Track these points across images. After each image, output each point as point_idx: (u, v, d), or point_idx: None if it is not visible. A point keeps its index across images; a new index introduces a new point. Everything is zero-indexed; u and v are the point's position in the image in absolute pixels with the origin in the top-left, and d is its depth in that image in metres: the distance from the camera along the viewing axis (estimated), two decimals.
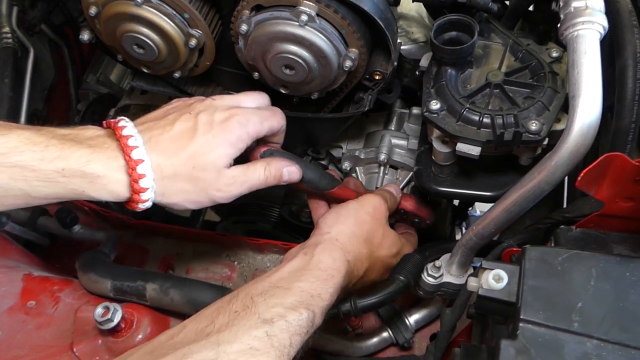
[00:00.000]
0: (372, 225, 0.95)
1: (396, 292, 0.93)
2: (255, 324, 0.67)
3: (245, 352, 0.64)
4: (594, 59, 0.72)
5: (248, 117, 0.85)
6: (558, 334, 0.61)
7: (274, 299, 0.72)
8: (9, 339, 0.91)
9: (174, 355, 0.62)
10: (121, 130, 0.77)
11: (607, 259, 0.66)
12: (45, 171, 0.71)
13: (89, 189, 0.75)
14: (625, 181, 0.70)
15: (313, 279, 0.78)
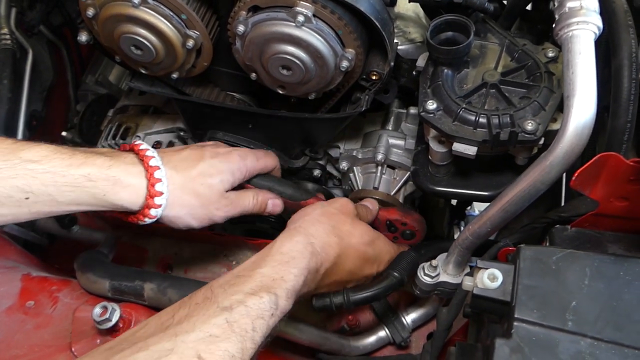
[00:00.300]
0: (339, 216, 0.95)
1: (389, 287, 0.93)
2: (214, 312, 0.67)
3: (205, 339, 0.64)
4: (588, 59, 0.72)
5: (246, 153, 0.99)
6: (552, 333, 0.62)
7: (234, 287, 0.72)
8: (7, 339, 0.91)
9: (130, 350, 0.62)
10: (138, 146, 0.87)
11: (602, 259, 0.66)
12: (74, 176, 0.78)
13: (110, 192, 0.81)
14: (620, 181, 0.70)
15: (274, 263, 0.78)
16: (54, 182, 0.77)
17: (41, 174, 0.76)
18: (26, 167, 0.76)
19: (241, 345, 0.65)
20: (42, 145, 0.79)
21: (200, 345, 0.63)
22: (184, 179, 0.88)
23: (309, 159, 1.22)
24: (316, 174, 1.25)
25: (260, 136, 1.17)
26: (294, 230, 0.88)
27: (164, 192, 0.84)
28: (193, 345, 0.63)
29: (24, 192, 0.76)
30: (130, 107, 1.34)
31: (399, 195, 1.17)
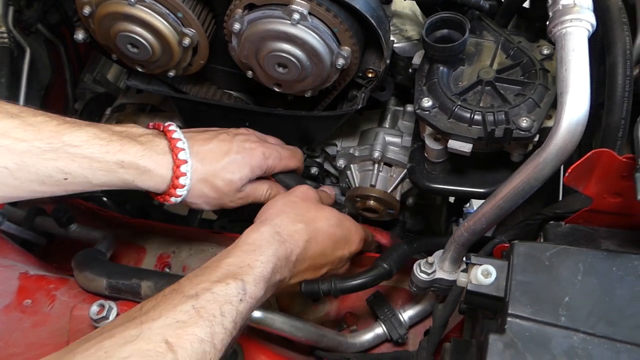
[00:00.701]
0: (302, 204, 0.96)
1: (377, 277, 0.95)
2: (180, 300, 0.68)
3: (171, 325, 0.64)
4: (582, 56, 0.72)
5: (271, 152, 1.02)
6: (545, 328, 0.62)
7: (200, 277, 0.73)
8: (5, 338, 0.91)
9: (96, 340, 0.63)
10: (171, 133, 0.91)
11: (594, 254, 0.67)
12: (109, 162, 0.84)
13: (138, 179, 0.88)
14: (613, 177, 0.70)
15: (240, 253, 0.80)
16: (90, 166, 0.83)
17: (80, 158, 0.82)
18: (67, 150, 0.81)
19: (210, 329, 0.66)
20: (83, 129, 0.83)
21: (167, 330, 0.63)
22: (207, 173, 0.93)
23: (306, 156, 1.22)
24: (313, 171, 1.25)
25: None
26: (259, 222, 0.89)
27: (185, 184, 0.90)
28: (160, 331, 0.63)
29: (63, 173, 0.81)
30: (128, 106, 1.35)
31: (396, 192, 1.17)
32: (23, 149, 0.78)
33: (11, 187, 0.80)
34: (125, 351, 0.60)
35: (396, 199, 1.16)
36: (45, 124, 0.81)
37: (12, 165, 0.78)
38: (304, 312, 1.17)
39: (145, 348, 0.61)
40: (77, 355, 0.61)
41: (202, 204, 0.97)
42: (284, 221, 0.90)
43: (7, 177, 0.78)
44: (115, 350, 0.60)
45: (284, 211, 0.93)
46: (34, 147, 0.79)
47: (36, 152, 0.79)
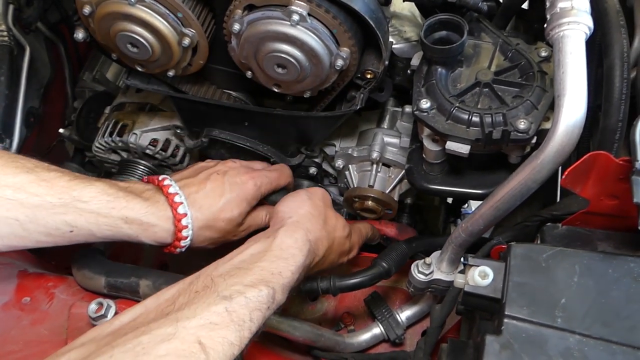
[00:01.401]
0: (325, 209, 0.99)
1: (375, 276, 0.96)
2: (214, 300, 0.69)
3: (205, 326, 0.66)
4: (579, 59, 0.73)
5: (262, 180, 1.05)
6: (541, 330, 0.63)
7: (234, 278, 0.74)
8: (3, 335, 0.91)
9: (134, 334, 0.64)
10: (167, 188, 0.94)
11: (591, 256, 0.67)
12: (114, 218, 0.87)
13: (142, 235, 0.91)
14: (610, 179, 0.71)
15: (274, 258, 0.81)
16: (96, 221, 0.86)
17: (87, 213, 0.85)
18: (76, 205, 0.84)
19: (239, 334, 0.67)
20: (92, 185, 0.87)
21: (200, 331, 0.65)
22: (207, 219, 0.97)
23: (304, 156, 1.22)
24: (312, 171, 1.26)
25: (256, 134, 1.18)
26: (293, 225, 0.89)
27: (188, 235, 0.94)
28: (194, 331, 0.65)
29: (70, 226, 0.85)
30: (127, 105, 1.35)
31: (394, 193, 1.17)
32: (35, 202, 0.82)
33: (18, 238, 0.83)
34: (162, 349, 0.62)
35: (394, 199, 1.16)
36: (57, 179, 0.85)
37: (23, 217, 0.81)
38: (301, 312, 1.17)
39: (181, 348, 0.62)
40: (115, 349, 0.63)
41: (208, 246, 1.01)
42: (314, 227, 0.92)
43: (17, 228, 0.82)
44: (153, 347, 0.62)
45: (313, 215, 0.94)
46: (45, 202, 0.82)
47: (47, 206, 0.83)
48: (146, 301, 0.74)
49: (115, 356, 0.61)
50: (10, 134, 1.36)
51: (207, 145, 1.20)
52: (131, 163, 1.32)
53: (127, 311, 0.73)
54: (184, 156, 1.32)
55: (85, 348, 0.66)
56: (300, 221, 0.91)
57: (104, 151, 1.34)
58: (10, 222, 0.81)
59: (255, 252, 0.82)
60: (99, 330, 0.71)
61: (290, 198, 0.99)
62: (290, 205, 0.96)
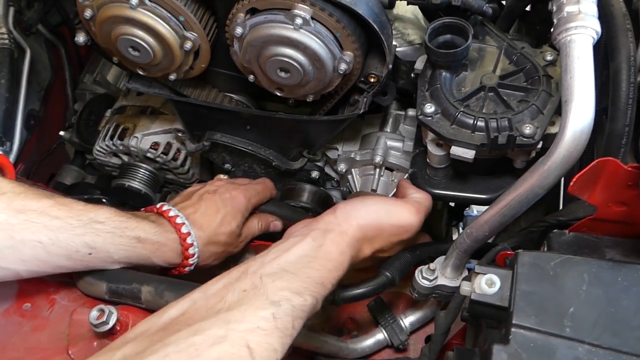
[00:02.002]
0: (388, 239, 0.93)
1: (379, 286, 0.94)
2: (262, 305, 0.70)
3: (253, 330, 0.66)
4: (586, 64, 0.72)
5: (250, 192, 1.12)
6: (550, 339, 0.62)
7: (282, 282, 0.74)
8: (4, 342, 0.90)
9: (187, 332, 0.66)
10: (167, 213, 0.99)
11: (600, 264, 0.66)
12: (128, 238, 0.91)
13: (153, 255, 0.95)
14: (618, 186, 0.70)
15: (320, 267, 0.80)
16: (113, 241, 0.89)
17: (104, 233, 0.88)
18: (94, 226, 0.88)
19: (282, 340, 0.68)
20: (104, 208, 0.91)
21: (249, 335, 0.66)
22: (209, 236, 1.02)
23: (307, 160, 1.22)
24: (314, 175, 1.25)
25: (258, 137, 1.17)
26: (341, 236, 0.86)
27: (195, 253, 0.99)
28: (243, 334, 0.66)
29: (89, 248, 0.88)
30: (128, 108, 1.34)
31: None
32: (57, 225, 0.85)
33: (41, 262, 0.86)
34: (214, 352, 0.63)
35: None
36: (74, 203, 0.89)
37: (46, 240, 0.84)
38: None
39: (231, 351, 0.64)
40: (169, 347, 0.64)
41: (212, 262, 1.05)
42: (361, 244, 0.90)
43: (40, 252, 0.84)
44: (205, 349, 0.63)
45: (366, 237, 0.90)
46: (66, 224, 0.86)
47: (68, 228, 0.86)
48: (193, 294, 0.75)
49: (170, 355, 0.63)
50: (11, 137, 1.36)
51: (208, 148, 1.19)
52: (132, 166, 1.32)
53: (175, 304, 0.74)
54: (185, 159, 1.31)
55: (138, 342, 0.68)
56: (349, 234, 0.87)
57: (104, 155, 1.34)
58: (34, 244, 0.84)
59: (302, 255, 0.81)
60: (149, 324, 0.72)
61: (359, 202, 0.93)
62: (352, 210, 0.91)
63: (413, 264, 0.99)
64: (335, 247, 0.85)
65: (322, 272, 0.80)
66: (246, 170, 1.28)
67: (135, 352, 0.66)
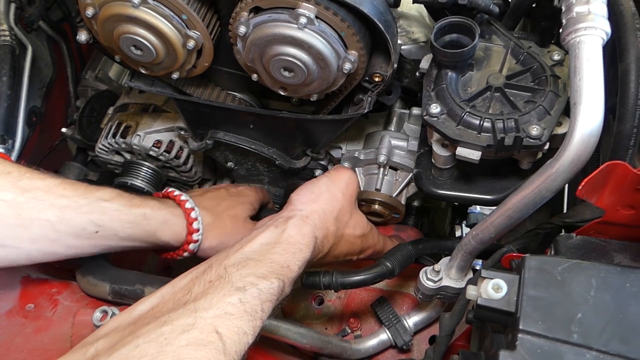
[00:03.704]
0: (343, 203, 1.01)
1: (378, 275, 0.95)
2: (229, 291, 0.72)
3: (221, 316, 0.68)
4: (596, 65, 0.71)
5: (255, 188, 1.18)
6: (557, 345, 0.61)
7: (247, 269, 0.77)
8: (7, 343, 0.90)
9: (155, 324, 0.67)
10: (172, 193, 1.01)
11: (608, 269, 0.65)
12: (134, 214, 0.92)
13: (160, 230, 0.95)
14: (627, 190, 0.69)
15: (283, 251, 0.83)
16: (119, 219, 0.90)
17: (111, 211, 0.89)
18: (100, 204, 0.89)
19: (252, 323, 0.70)
20: (109, 188, 0.92)
21: (217, 321, 0.67)
22: (214, 216, 1.03)
23: (310, 159, 1.21)
24: (318, 174, 1.24)
25: (262, 136, 1.16)
26: (302, 220, 0.91)
27: (199, 229, 0.99)
28: (211, 321, 0.67)
29: (96, 226, 0.88)
30: (131, 106, 1.33)
31: (401, 196, 1.16)
32: (64, 203, 0.86)
33: (50, 241, 0.86)
34: (183, 339, 0.64)
35: (401, 203, 1.15)
36: (79, 183, 0.90)
37: (54, 218, 0.84)
38: (307, 316, 1.16)
39: (200, 337, 0.65)
40: (139, 338, 0.65)
41: (217, 246, 1.02)
42: (323, 223, 0.95)
43: (48, 230, 0.85)
44: (174, 337, 0.64)
45: (325, 211, 0.96)
46: (73, 202, 0.86)
47: (74, 206, 0.86)
48: (162, 289, 0.77)
49: (141, 346, 0.64)
50: (13, 134, 1.36)
51: (211, 147, 1.18)
52: (135, 164, 1.31)
53: (145, 300, 0.75)
54: (188, 158, 1.31)
55: (109, 338, 0.69)
56: (310, 216, 0.93)
57: (107, 152, 1.33)
58: (42, 222, 0.84)
59: (265, 242, 0.84)
60: (120, 320, 0.73)
61: (307, 188, 0.99)
62: (305, 196, 0.97)
63: (415, 257, 0.99)
64: (297, 231, 0.88)
65: (286, 256, 0.83)
66: (249, 169, 1.27)
67: (106, 346, 0.67)
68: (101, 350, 0.67)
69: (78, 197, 0.87)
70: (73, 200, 0.86)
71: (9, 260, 0.85)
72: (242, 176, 1.30)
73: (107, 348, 0.66)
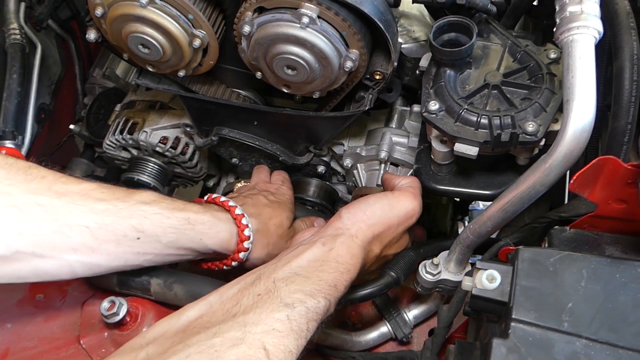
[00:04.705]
0: (396, 230, 0.95)
1: (385, 286, 0.95)
2: (277, 307, 0.71)
3: (269, 332, 0.68)
4: (588, 63, 0.73)
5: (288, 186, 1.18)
6: (548, 334, 0.63)
7: (295, 285, 0.75)
8: (18, 331, 0.93)
9: (206, 334, 0.67)
10: (218, 199, 0.97)
11: (598, 261, 0.67)
12: (177, 218, 0.87)
13: (205, 237, 0.90)
14: (618, 184, 0.71)
15: (331, 270, 0.81)
16: (161, 223, 0.85)
17: (151, 214, 0.85)
18: (140, 207, 0.84)
19: (297, 342, 0.69)
20: (148, 191, 0.88)
21: (265, 337, 0.67)
22: (260, 224, 0.99)
23: (313, 155, 1.23)
24: (320, 170, 1.27)
25: (265, 133, 1.19)
26: (351, 239, 0.87)
27: (250, 236, 0.95)
28: (260, 336, 0.67)
29: (137, 232, 0.84)
30: (137, 103, 1.36)
31: None
32: (102, 208, 0.82)
33: (90, 248, 0.82)
34: (232, 354, 0.64)
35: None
36: (116, 187, 0.86)
37: (92, 224, 0.81)
38: None
39: (248, 353, 0.65)
40: (190, 348, 0.65)
41: (266, 257, 0.98)
42: (372, 245, 0.91)
43: (87, 237, 0.81)
44: (224, 351, 0.64)
45: (375, 236, 0.91)
46: (112, 206, 0.82)
47: (113, 210, 0.82)
48: (210, 298, 0.76)
49: (192, 356, 0.64)
50: (23, 131, 1.38)
51: (216, 143, 1.21)
52: (141, 160, 1.33)
53: (192, 307, 0.75)
54: (194, 154, 1.33)
55: (159, 343, 0.69)
56: (359, 236, 0.89)
57: (114, 148, 1.36)
58: (81, 229, 0.80)
59: (313, 259, 0.81)
60: (168, 325, 0.73)
61: (360, 207, 0.93)
62: (356, 215, 0.91)
63: (417, 263, 1.00)
64: (346, 250, 0.85)
65: (334, 275, 0.80)
66: (253, 165, 1.29)
67: (157, 352, 0.67)
68: (152, 355, 0.67)
69: (117, 200, 0.83)
70: (112, 204, 0.83)
71: (50, 274, 0.82)
72: (246, 172, 1.32)
73: (158, 354, 0.67)
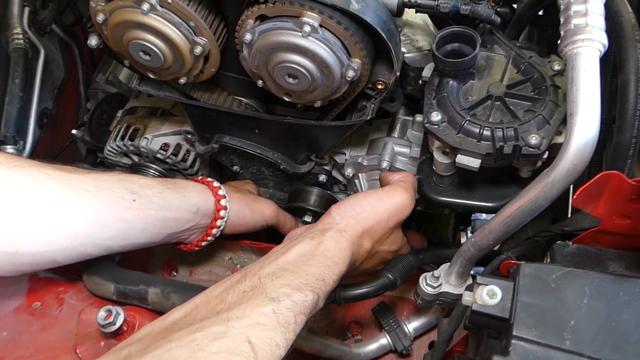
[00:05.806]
0: (386, 225, 0.96)
1: (380, 288, 0.95)
2: (262, 302, 0.71)
3: (254, 326, 0.68)
4: (592, 77, 0.72)
5: None
6: (549, 352, 0.62)
7: (281, 280, 0.76)
8: (14, 339, 0.92)
9: (188, 330, 0.67)
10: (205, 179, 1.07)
11: (601, 278, 0.66)
12: (159, 180, 0.98)
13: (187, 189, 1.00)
14: (622, 199, 0.70)
15: (319, 264, 0.82)
16: (148, 184, 0.95)
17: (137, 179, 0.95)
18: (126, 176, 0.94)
19: (285, 336, 0.69)
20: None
21: (250, 331, 0.67)
22: (239, 193, 1.11)
23: (314, 164, 1.22)
24: (322, 179, 1.26)
25: (267, 141, 1.18)
26: (339, 233, 0.89)
27: (225, 195, 1.04)
28: (244, 330, 0.67)
29: (131, 193, 0.91)
30: (139, 109, 1.36)
31: None
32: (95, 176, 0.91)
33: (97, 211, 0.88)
34: (215, 347, 0.64)
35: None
36: None
37: (93, 188, 0.88)
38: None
39: (232, 346, 0.65)
40: (172, 342, 0.66)
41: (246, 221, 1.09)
42: (361, 240, 0.92)
43: (92, 200, 0.88)
44: (206, 344, 0.64)
45: (365, 231, 0.93)
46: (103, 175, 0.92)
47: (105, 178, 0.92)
48: (196, 299, 0.77)
49: (173, 350, 0.64)
50: (24, 135, 1.38)
51: (217, 151, 1.20)
52: (142, 167, 1.33)
53: (179, 308, 0.76)
54: (195, 161, 1.33)
55: (142, 342, 0.70)
56: (347, 231, 0.90)
57: (115, 154, 1.35)
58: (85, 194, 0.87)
59: (301, 254, 0.83)
60: (154, 326, 0.74)
61: (349, 203, 0.95)
62: (345, 211, 0.93)
63: (415, 268, 0.99)
64: (334, 244, 0.86)
65: (322, 269, 0.81)
66: (254, 173, 1.29)
67: (138, 349, 0.68)
68: (134, 352, 0.67)
69: (104, 174, 0.92)
70: (102, 174, 0.91)
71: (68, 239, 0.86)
72: None
73: (139, 350, 0.67)
